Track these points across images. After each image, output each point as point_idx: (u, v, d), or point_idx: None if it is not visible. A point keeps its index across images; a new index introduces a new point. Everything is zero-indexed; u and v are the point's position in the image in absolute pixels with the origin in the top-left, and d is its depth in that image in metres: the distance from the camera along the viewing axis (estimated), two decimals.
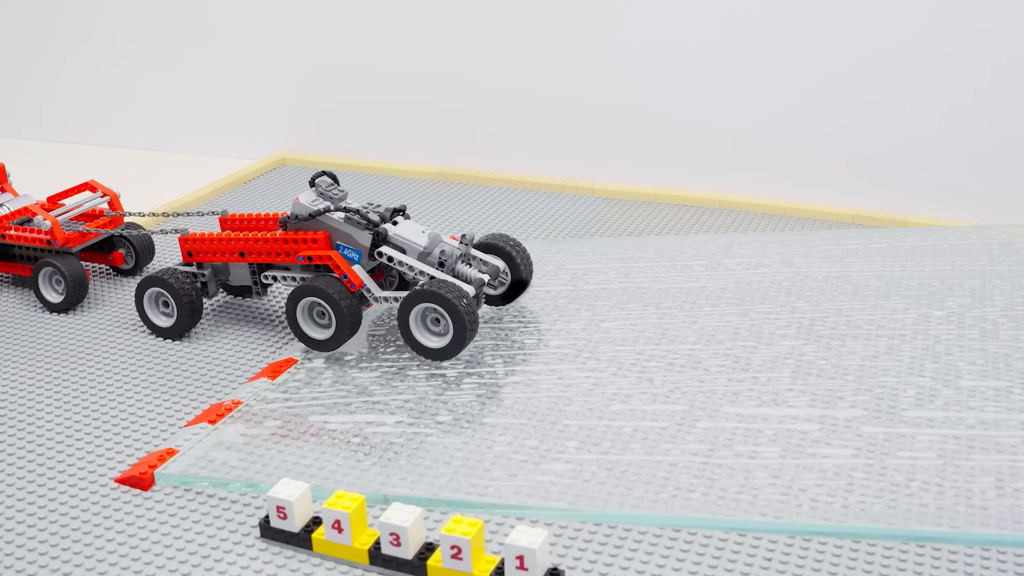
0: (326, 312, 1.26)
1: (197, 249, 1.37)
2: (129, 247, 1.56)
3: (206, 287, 1.39)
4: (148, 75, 2.26)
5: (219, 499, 1.03)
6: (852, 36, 1.68)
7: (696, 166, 1.84)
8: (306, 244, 1.30)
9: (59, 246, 1.46)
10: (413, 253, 1.28)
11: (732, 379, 1.17)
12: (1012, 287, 1.36)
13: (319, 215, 1.29)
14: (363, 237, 1.28)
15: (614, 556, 0.92)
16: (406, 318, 1.23)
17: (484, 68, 1.95)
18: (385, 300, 1.27)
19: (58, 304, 1.45)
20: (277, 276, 1.34)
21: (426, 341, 1.23)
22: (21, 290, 1.55)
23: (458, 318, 1.19)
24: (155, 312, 1.37)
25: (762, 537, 0.93)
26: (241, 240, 1.34)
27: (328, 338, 1.27)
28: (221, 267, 1.38)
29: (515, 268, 1.35)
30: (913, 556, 0.90)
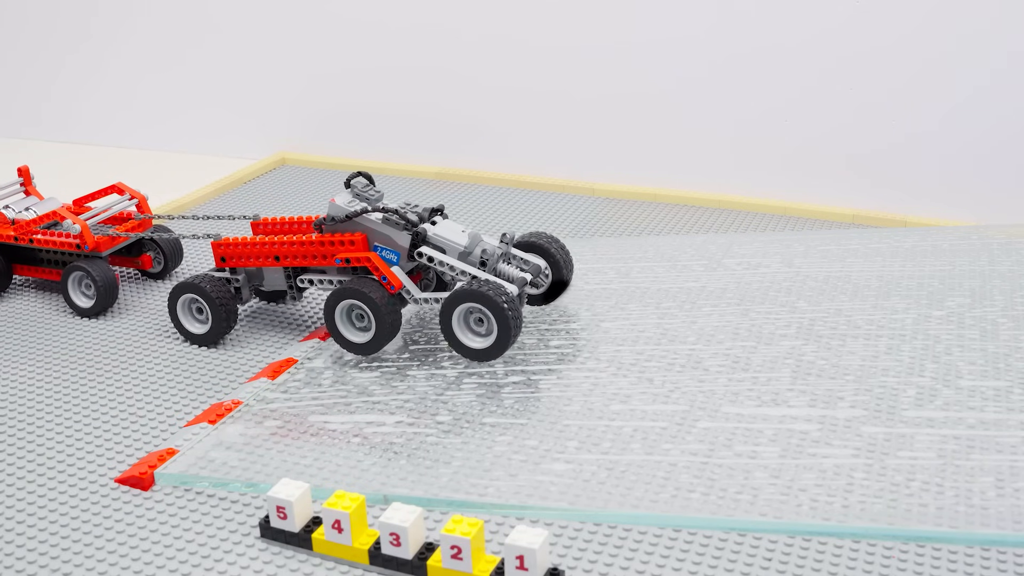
0: (365, 315, 1.24)
1: (231, 254, 1.35)
2: (158, 250, 1.54)
3: (240, 292, 1.36)
4: (148, 75, 2.26)
5: (219, 499, 1.03)
6: (852, 36, 1.68)
7: (696, 166, 1.84)
8: (343, 246, 1.27)
9: (89, 250, 1.44)
10: (453, 253, 1.26)
11: (732, 379, 1.17)
12: (1012, 287, 1.36)
13: (356, 216, 1.26)
14: (402, 238, 1.26)
15: (614, 556, 0.92)
16: (449, 319, 1.21)
17: (484, 68, 1.95)
18: (425, 302, 1.25)
19: (88, 309, 1.43)
20: (313, 280, 1.31)
21: (469, 342, 1.21)
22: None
23: (502, 318, 1.17)
24: (189, 319, 1.35)
25: (762, 537, 0.93)
26: (276, 244, 1.31)
27: (368, 341, 1.24)
28: (255, 272, 1.36)
29: (556, 267, 1.33)
30: (913, 556, 0.90)
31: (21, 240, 1.49)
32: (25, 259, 1.52)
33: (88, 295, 1.44)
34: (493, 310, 1.17)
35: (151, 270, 1.55)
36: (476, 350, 1.21)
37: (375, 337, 1.24)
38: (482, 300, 1.18)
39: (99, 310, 1.43)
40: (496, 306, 1.17)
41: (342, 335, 1.26)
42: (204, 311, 1.33)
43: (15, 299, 1.52)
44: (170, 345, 1.36)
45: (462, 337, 1.21)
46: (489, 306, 1.18)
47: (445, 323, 1.21)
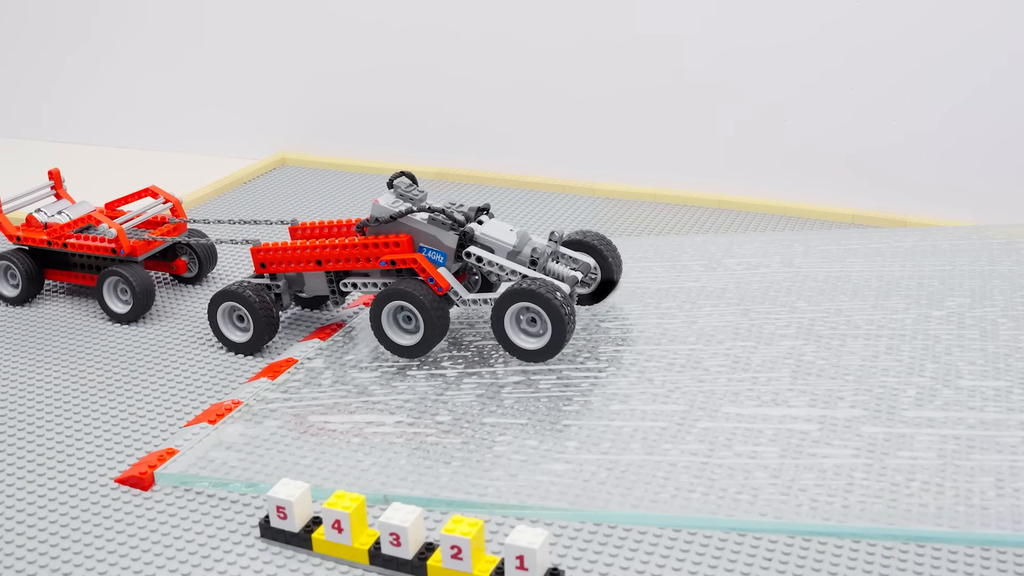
0: (413, 317, 1.22)
1: (271, 259, 1.32)
2: (192, 255, 1.52)
3: (280, 299, 1.34)
4: (148, 75, 2.26)
5: (219, 499, 1.03)
6: (852, 36, 1.68)
7: (696, 166, 1.84)
8: (388, 248, 1.25)
9: (125, 255, 1.41)
10: (502, 252, 1.23)
11: (732, 379, 1.17)
12: (1012, 287, 1.36)
13: (401, 217, 1.24)
14: (448, 238, 1.23)
15: (614, 556, 0.92)
16: (501, 319, 1.19)
17: (484, 68, 1.95)
18: (473, 303, 1.23)
19: (124, 314, 1.40)
20: (357, 283, 1.29)
21: (522, 343, 1.19)
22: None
23: (557, 317, 1.15)
24: (229, 327, 1.32)
25: (762, 537, 0.93)
26: (318, 247, 1.29)
27: (416, 343, 1.22)
28: (295, 277, 1.34)
29: (605, 266, 1.31)
30: (913, 556, 0.90)
31: (54, 244, 1.46)
32: (57, 263, 1.50)
33: (124, 300, 1.41)
34: (548, 309, 1.15)
35: (185, 275, 1.53)
36: (529, 351, 1.19)
37: (423, 339, 1.22)
38: (536, 299, 1.16)
39: (135, 316, 1.40)
40: (551, 305, 1.15)
41: (388, 338, 1.24)
42: (245, 319, 1.30)
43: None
44: (171, 345, 1.36)
45: (514, 338, 1.19)
46: (544, 305, 1.15)
47: (497, 324, 1.19)
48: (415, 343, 1.23)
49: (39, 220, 1.48)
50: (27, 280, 1.47)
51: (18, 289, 1.48)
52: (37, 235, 1.47)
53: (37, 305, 1.49)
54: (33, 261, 1.48)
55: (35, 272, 1.48)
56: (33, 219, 1.49)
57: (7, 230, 1.49)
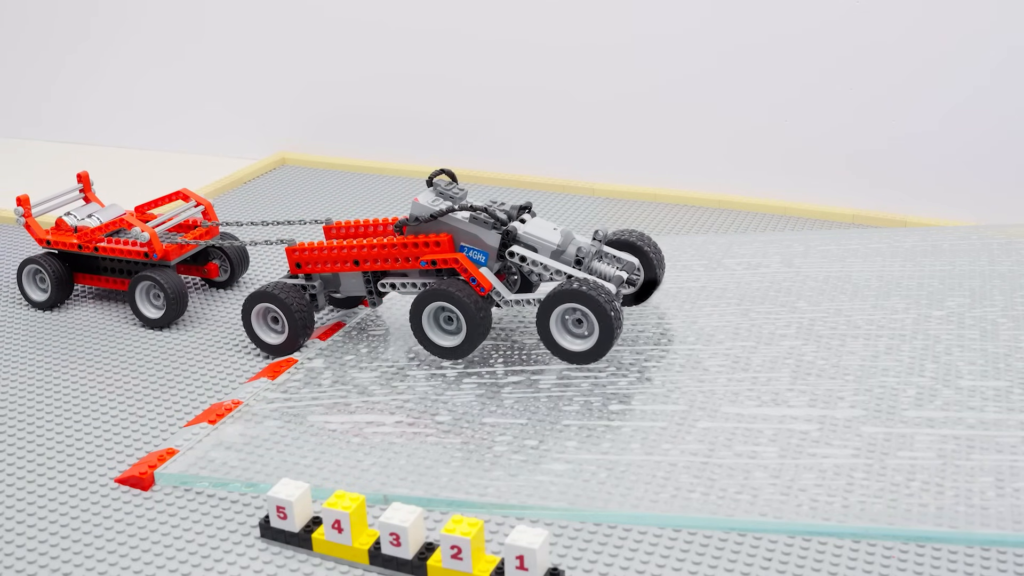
0: (455, 318, 1.20)
1: (306, 260, 1.30)
2: (224, 258, 1.49)
3: (315, 300, 1.32)
4: (148, 75, 2.26)
5: (219, 499, 1.03)
6: (852, 36, 1.68)
7: (696, 166, 1.84)
8: (428, 248, 1.23)
9: (157, 259, 1.39)
10: (545, 252, 1.21)
11: (732, 379, 1.17)
12: (1012, 287, 1.36)
13: (441, 216, 1.22)
14: (490, 237, 1.21)
15: (614, 556, 0.92)
16: (546, 320, 1.17)
17: (484, 68, 1.95)
18: (516, 303, 1.21)
19: (157, 320, 1.38)
20: (395, 283, 1.27)
21: (567, 344, 1.17)
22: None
23: (604, 318, 1.13)
24: (264, 329, 1.30)
25: (762, 537, 0.93)
26: (355, 247, 1.27)
27: (458, 345, 1.20)
28: (331, 278, 1.31)
29: (649, 265, 1.28)
30: (913, 556, 0.90)
31: (85, 248, 1.44)
32: (87, 268, 1.48)
33: (157, 305, 1.39)
34: (596, 310, 1.13)
35: (217, 279, 1.50)
36: (576, 353, 1.17)
37: (466, 340, 1.20)
38: (584, 300, 1.14)
39: (168, 321, 1.38)
40: (599, 306, 1.13)
41: (429, 339, 1.22)
42: (280, 320, 1.28)
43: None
44: (171, 345, 1.36)
45: (560, 339, 1.18)
46: (591, 306, 1.13)
47: (542, 325, 1.17)
48: (457, 344, 1.21)
49: (69, 223, 1.46)
50: (57, 285, 1.45)
51: (47, 293, 1.46)
52: (67, 239, 1.45)
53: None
54: (63, 265, 1.46)
55: (65, 276, 1.46)
56: (63, 223, 1.47)
57: (36, 234, 1.47)
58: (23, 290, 1.47)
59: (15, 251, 1.69)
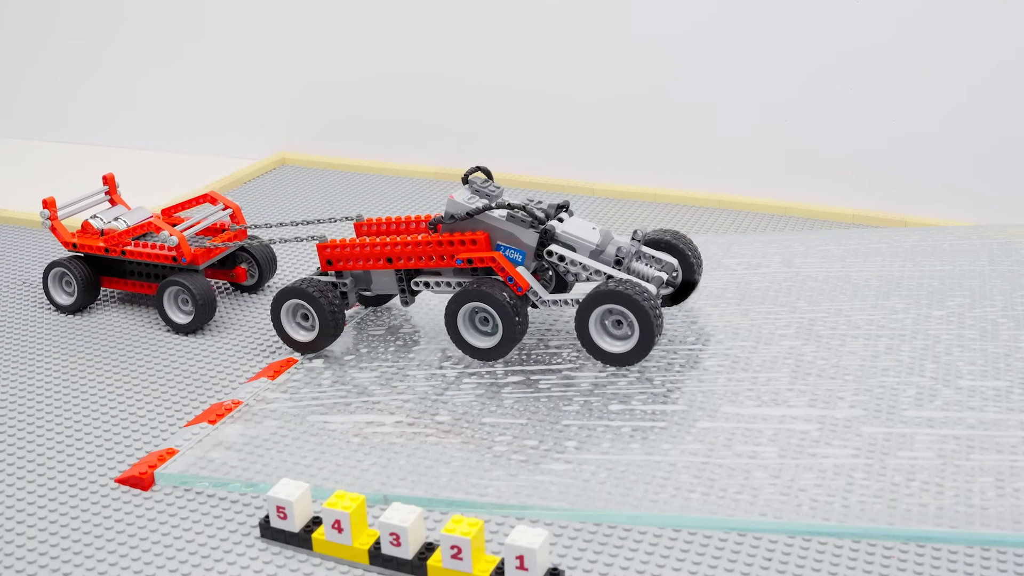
0: (490, 318, 1.18)
1: (338, 257, 1.28)
2: (252, 261, 1.47)
3: (345, 297, 1.30)
4: (148, 75, 2.26)
5: (219, 499, 1.03)
6: (852, 35, 1.68)
7: (696, 166, 1.84)
8: (464, 246, 1.21)
9: (186, 263, 1.37)
10: (584, 251, 1.19)
11: (731, 379, 1.17)
12: (1012, 287, 1.36)
13: (478, 213, 1.20)
14: (528, 236, 1.19)
15: (614, 556, 0.92)
16: (585, 321, 1.15)
17: (484, 69, 1.95)
18: (554, 304, 1.19)
19: (185, 325, 1.36)
20: (429, 282, 1.25)
21: (606, 346, 1.16)
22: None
23: (645, 320, 1.12)
24: (293, 326, 1.28)
25: (762, 537, 0.93)
26: (389, 245, 1.25)
27: (493, 346, 1.19)
28: (362, 275, 1.30)
29: (688, 266, 1.27)
30: (913, 556, 0.90)
31: (112, 252, 1.42)
32: (114, 271, 1.46)
33: (185, 311, 1.37)
34: (636, 312, 1.12)
35: (245, 283, 1.48)
36: (615, 355, 1.16)
37: (502, 342, 1.18)
38: (624, 301, 1.12)
39: (196, 326, 1.36)
40: (640, 307, 1.11)
41: (464, 340, 1.21)
42: (310, 317, 1.26)
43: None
44: (171, 345, 1.36)
45: (599, 341, 1.16)
46: (632, 307, 1.12)
47: (581, 326, 1.16)
48: (493, 345, 1.19)
49: (95, 226, 1.45)
50: (83, 288, 1.43)
51: (73, 297, 1.44)
52: (93, 242, 1.43)
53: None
54: (89, 269, 1.44)
55: (92, 280, 1.44)
56: (89, 225, 1.45)
57: (62, 237, 1.45)
58: (48, 293, 1.46)
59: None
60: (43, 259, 1.66)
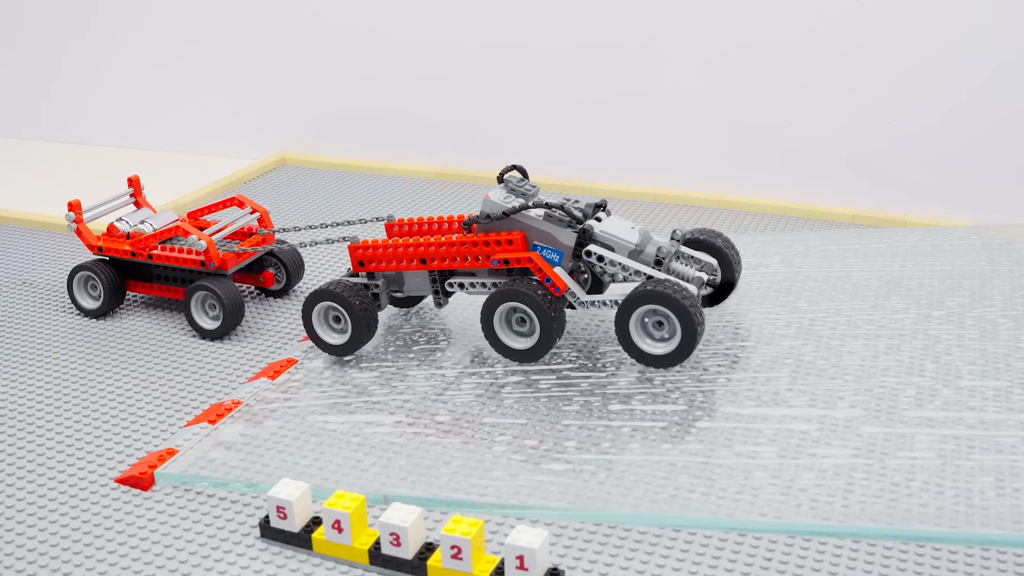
0: (528, 319, 1.17)
1: (370, 258, 1.26)
2: (279, 265, 1.45)
3: (377, 299, 1.27)
4: (148, 75, 2.26)
5: (219, 499, 1.03)
6: (852, 35, 1.68)
7: (696, 166, 1.84)
8: (500, 246, 1.19)
9: (214, 268, 1.35)
10: (623, 251, 1.17)
11: (731, 379, 1.17)
12: (1012, 287, 1.36)
13: (514, 213, 1.18)
14: (565, 236, 1.17)
15: (614, 556, 0.92)
16: (626, 322, 1.13)
17: (483, 70, 1.95)
18: (592, 304, 1.17)
19: (212, 331, 1.35)
20: (464, 283, 1.23)
21: (647, 347, 1.14)
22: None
23: (687, 321, 1.10)
24: (325, 328, 1.26)
25: (762, 537, 0.93)
26: (423, 245, 1.23)
27: (531, 347, 1.17)
28: (394, 276, 1.28)
29: (727, 266, 1.25)
30: (913, 556, 0.90)
31: (139, 256, 1.40)
32: (139, 275, 1.44)
33: (212, 316, 1.35)
34: (679, 313, 1.10)
35: (272, 287, 1.46)
36: (656, 356, 1.14)
37: (539, 343, 1.17)
38: (666, 302, 1.10)
39: (224, 332, 1.34)
40: (682, 308, 1.10)
41: (500, 341, 1.19)
42: (342, 320, 1.24)
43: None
44: (171, 345, 1.36)
45: (639, 342, 1.14)
46: (674, 308, 1.10)
47: (621, 327, 1.14)
48: (530, 347, 1.18)
49: (121, 229, 1.43)
50: (109, 292, 1.41)
51: (99, 301, 1.42)
52: (120, 245, 1.42)
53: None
54: (115, 272, 1.42)
55: (117, 284, 1.42)
56: (115, 228, 1.43)
57: (88, 240, 1.44)
58: (73, 297, 1.44)
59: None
60: (44, 259, 1.66)
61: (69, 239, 1.74)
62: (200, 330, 1.36)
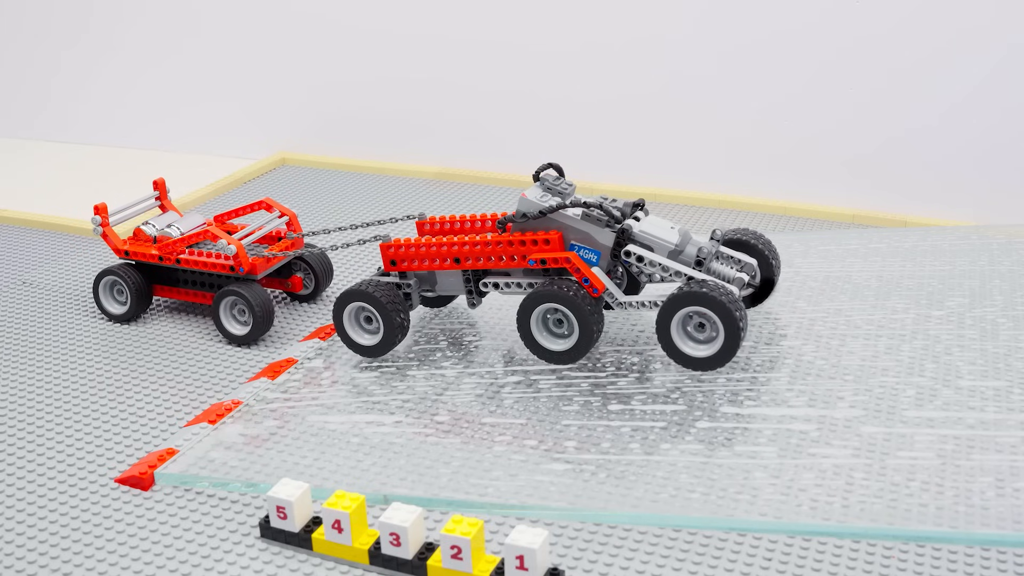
0: (565, 320, 1.15)
1: (402, 257, 1.24)
2: (308, 270, 1.43)
3: (409, 298, 1.26)
4: (147, 74, 2.26)
5: (219, 499, 1.03)
6: (851, 35, 1.68)
7: (696, 166, 1.84)
8: (536, 246, 1.17)
9: (244, 273, 1.33)
10: (662, 251, 1.16)
11: (731, 379, 1.17)
12: (1012, 287, 1.36)
13: (552, 212, 1.16)
14: (603, 236, 1.15)
15: (614, 556, 0.92)
16: (667, 324, 1.12)
17: (483, 70, 1.95)
18: (630, 306, 1.15)
19: (242, 336, 1.33)
20: (499, 283, 1.21)
21: (689, 350, 1.13)
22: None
23: (731, 323, 1.08)
24: (356, 329, 1.24)
25: (762, 537, 0.93)
26: (456, 244, 1.21)
27: (568, 349, 1.16)
28: (426, 276, 1.26)
29: (766, 266, 1.23)
30: (913, 556, 0.90)
31: (166, 260, 1.38)
32: (166, 280, 1.42)
33: (242, 321, 1.34)
34: (722, 314, 1.08)
35: (301, 292, 1.44)
36: (698, 359, 1.12)
37: (577, 345, 1.15)
38: (709, 303, 1.08)
39: (254, 337, 1.32)
40: (725, 310, 1.08)
41: (537, 343, 1.18)
42: (374, 320, 1.23)
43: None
44: (171, 345, 1.36)
45: (680, 344, 1.13)
46: (717, 309, 1.08)
47: (662, 329, 1.12)
48: (567, 348, 1.16)
49: (147, 233, 1.41)
50: (136, 297, 1.40)
51: (126, 306, 1.40)
52: (147, 250, 1.40)
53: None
54: (142, 277, 1.41)
55: (144, 289, 1.41)
56: (141, 232, 1.41)
57: (114, 244, 1.41)
58: (99, 302, 1.42)
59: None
60: (44, 259, 1.66)
61: (69, 239, 1.74)
62: (229, 335, 1.34)
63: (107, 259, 1.64)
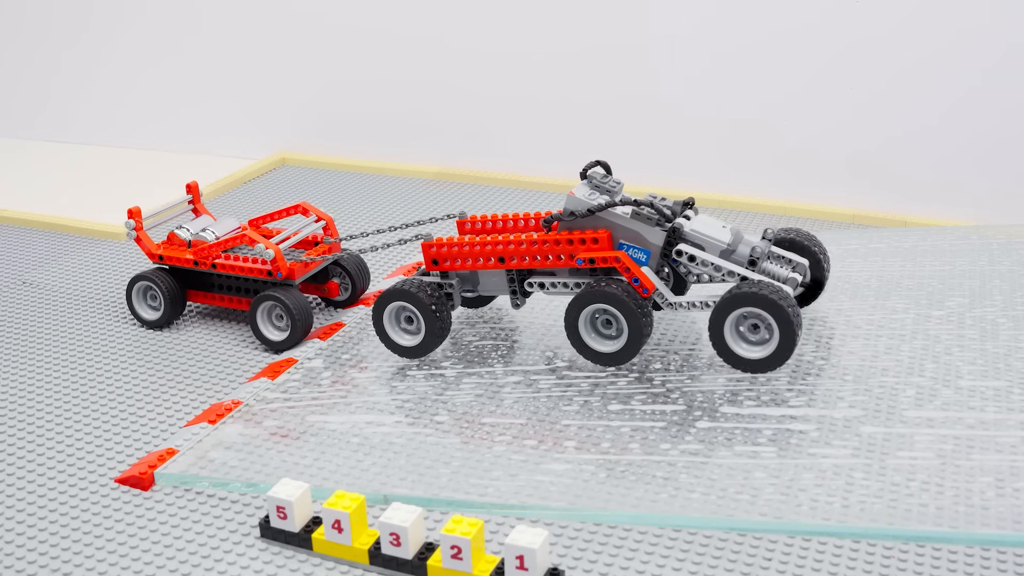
0: (614, 321, 1.13)
1: (444, 256, 1.21)
2: (344, 275, 1.41)
3: (451, 298, 1.24)
4: (147, 74, 2.26)
5: (219, 499, 1.03)
6: (851, 35, 1.68)
7: (696, 166, 1.84)
8: (584, 245, 1.15)
9: (282, 278, 1.31)
10: (714, 251, 1.14)
11: (731, 379, 1.17)
12: (1012, 287, 1.36)
13: (600, 211, 1.14)
14: (653, 235, 1.13)
15: (614, 556, 0.92)
16: (721, 325, 1.10)
17: (483, 70, 1.95)
18: (680, 306, 1.14)
19: (280, 342, 1.31)
20: (544, 283, 1.19)
21: (742, 351, 1.11)
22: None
23: (786, 324, 1.07)
24: (396, 330, 1.23)
25: (762, 537, 0.93)
26: (500, 243, 1.19)
27: (618, 350, 1.14)
28: (469, 275, 1.23)
29: (817, 266, 1.22)
30: (913, 556, 0.90)
31: (202, 264, 1.36)
32: (201, 285, 1.40)
33: (280, 327, 1.32)
34: (777, 315, 1.07)
35: (338, 298, 1.42)
36: (752, 361, 1.11)
37: (627, 346, 1.13)
38: (764, 304, 1.07)
39: (292, 343, 1.30)
40: (780, 311, 1.06)
41: (585, 344, 1.16)
42: (415, 320, 1.21)
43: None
44: (171, 345, 1.36)
45: (734, 346, 1.11)
46: (772, 310, 1.07)
47: (716, 331, 1.11)
48: (617, 350, 1.14)
49: (182, 237, 1.39)
50: (170, 302, 1.37)
51: (159, 312, 1.38)
52: (182, 254, 1.37)
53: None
54: (176, 282, 1.38)
55: (178, 294, 1.38)
56: (175, 236, 1.39)
57: (148, 248, 1.39)
58: (132, 308, 1.40)
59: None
60: (44, 259, 1.66)
61: (69, 239, 1.74)
62: (266, 341, 1.32)
63: (108, 259, 1.64)
